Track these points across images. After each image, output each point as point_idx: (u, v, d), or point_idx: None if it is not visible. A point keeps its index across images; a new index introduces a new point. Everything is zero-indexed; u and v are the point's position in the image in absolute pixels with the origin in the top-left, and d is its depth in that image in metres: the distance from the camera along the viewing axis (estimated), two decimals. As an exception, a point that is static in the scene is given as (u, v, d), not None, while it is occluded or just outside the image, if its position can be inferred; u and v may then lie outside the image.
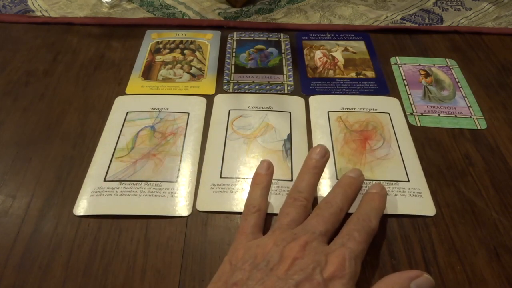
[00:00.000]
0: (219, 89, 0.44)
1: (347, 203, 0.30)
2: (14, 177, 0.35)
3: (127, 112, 0.41)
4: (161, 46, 0.49)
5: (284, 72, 0.46)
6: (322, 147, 0.32)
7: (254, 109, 0.41)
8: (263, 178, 0.32)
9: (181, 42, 0.50)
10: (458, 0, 0.57)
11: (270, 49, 0.49)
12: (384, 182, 0.35)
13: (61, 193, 0.34)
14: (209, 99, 0.42)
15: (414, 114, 0.41)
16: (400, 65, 0.47)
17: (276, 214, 0.32)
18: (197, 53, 0.48)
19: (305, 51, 0.49)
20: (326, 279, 0.24)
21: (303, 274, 0.24)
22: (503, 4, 0.56)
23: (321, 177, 0.33)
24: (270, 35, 0.51)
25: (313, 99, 0.43)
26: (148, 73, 0.45)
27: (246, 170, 0.36)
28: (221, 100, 0.42)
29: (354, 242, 0.27)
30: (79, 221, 0.32)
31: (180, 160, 0.36)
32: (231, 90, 0.44)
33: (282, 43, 0.50)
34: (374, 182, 0.34)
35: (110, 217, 0.32)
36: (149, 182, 0.34)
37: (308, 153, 0.33)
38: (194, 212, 0.33)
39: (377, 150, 0.37)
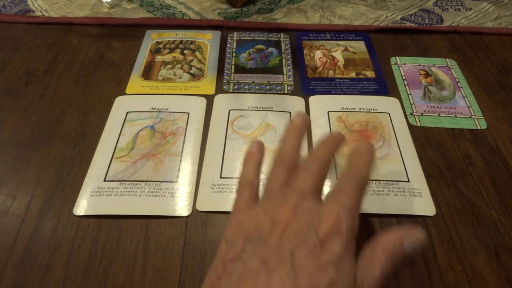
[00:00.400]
0: (219, 89, 0.44)
1: (331, 153, 0.29)
2: (14, 177, 0.35)
3: (127, 112, 0.41)
4: (161, 46, 0.49)
5: (284, 72, 0.46)
6: (303, 113, 0.32)
7: (254, 109, 0.41)
8: (254, 155, 0.31)
9: (181, 42, 0.50)
10: (458, 0, 0.57)
11: (270, 49, 0.49)
12: (384, 182, 0.35)
13: (61, 193, 0.34)
14: (209, 99, 0.42)
15: (414, 114, 0.41)
16: (400, 65, 0.47)
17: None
18: (197, 53, 0.48)
19: (305, 51, 0.49)
20: (322, 239, 0.23)
21: (297, 239, 0.23)
22: (503, 4, 0.56)
23: None
24: (270, 35, 0.51)
25: (313, 99, 0.43)
26: (148, 73, 0.45)
27: (246, 170, 0.35)
28: (221, 100, 0.42)
29: (346, 196, 0.25)
30: (79, 221, 0.32)
31: (180, 160, 0.36)
32: (231, 90, 0.44)
33: (282, 43, 0.50)
34: (374, 182, 0.35)
35: (110, 217, 0.32)
36: (149, 182, 0.34)
37: (290, 120, 0.32)
38: (194, 212, 0.33)
39: (377, 150, 0.37)
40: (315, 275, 0.22)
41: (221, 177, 0.35)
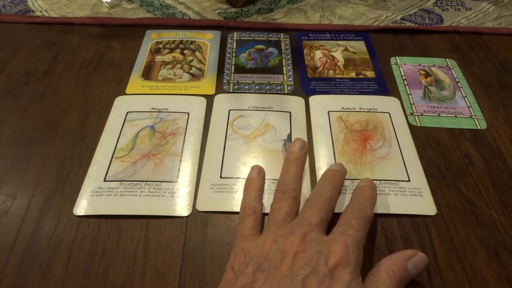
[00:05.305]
0: (219, 89, 0.44)
1: (336, 192, 0.31)
2: (14, 177, 0.35)
3: (127, 112, 0.41)
4: (161, 46, 0.49)
5: (284, 72, 0.46)
6: (301, 140, 0.33)
7: (254, 109, 0.41)
8: (255, 181, 0.32)
9: (181, 42, 0.50)
10: (458, 0, 0.57)
11: (270, 49, 0.49)
12: (385, 181, 0.35)
13: (61, 193, 0.34)
14: (209, 99, 0.42)
15: (414, 114, 0.41)
16: (400, 65, 0.47)
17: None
18: (197, 53, 0.48)
19: (305, 51, 0.49)
20: (332, 268, 0.24)
21: (308, 268, 0.24)
22: (503, 4, 0.56)
23: None
24: (270, 35, 0.51)
25: (313, 99, 0.43)
26: (148, 73, 0.45)
27: (246, 170, 0.35)
28: (221, 100, 0.42)
29: (353, 229, 0.27)
30: (79, 221, 0.32)
31: (180, 160, 0.36)
32: (231, 90, 0.44)
33: (282, 43, 0.50)
34: (374, 182, 0.34)
35: (110, 217, 0.32)
36: (149, 182, 0.34)
37: (287, 148, 0.34)
38: (194, 212, 0.33)
39: (377, 149, 0.37)
40: None
41: (221, 177, 0.35)
